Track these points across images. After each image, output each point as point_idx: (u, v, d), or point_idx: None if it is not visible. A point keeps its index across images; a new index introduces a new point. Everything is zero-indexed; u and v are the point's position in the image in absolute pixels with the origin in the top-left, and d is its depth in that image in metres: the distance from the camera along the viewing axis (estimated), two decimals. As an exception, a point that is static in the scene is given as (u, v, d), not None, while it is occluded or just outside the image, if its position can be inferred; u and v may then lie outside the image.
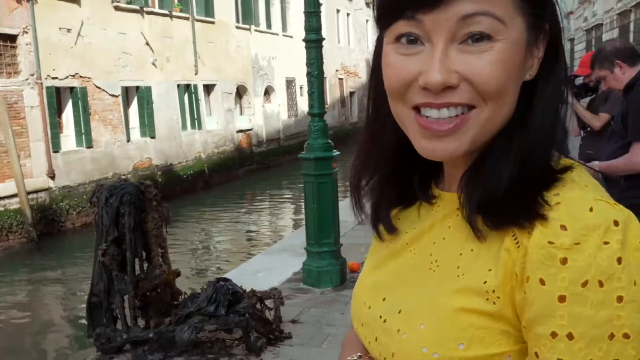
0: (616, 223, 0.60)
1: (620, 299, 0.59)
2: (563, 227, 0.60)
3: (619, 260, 0.59)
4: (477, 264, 0.67)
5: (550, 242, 0.60)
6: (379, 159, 0.80)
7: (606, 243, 0.59)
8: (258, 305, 4.59)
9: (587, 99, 4.75)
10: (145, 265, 4.76)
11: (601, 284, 0.59)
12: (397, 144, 0.76)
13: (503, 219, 0.65)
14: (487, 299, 0.65)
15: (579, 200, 0.62)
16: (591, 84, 4.63)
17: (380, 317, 0.76)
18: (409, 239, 0.79)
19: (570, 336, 0.59)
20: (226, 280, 4.75)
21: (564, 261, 0.60)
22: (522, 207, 0.64)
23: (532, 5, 0.67)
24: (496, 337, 0.65)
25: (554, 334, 0.60)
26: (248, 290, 4.71)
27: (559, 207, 0.62)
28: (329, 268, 5.70)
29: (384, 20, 0.71)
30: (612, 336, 0.59)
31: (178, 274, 5.00)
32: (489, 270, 0.66)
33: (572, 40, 29.57)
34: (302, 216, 6.84)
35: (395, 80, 0.69)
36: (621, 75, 3.49)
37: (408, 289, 0.75)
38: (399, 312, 0.73)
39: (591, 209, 0.61)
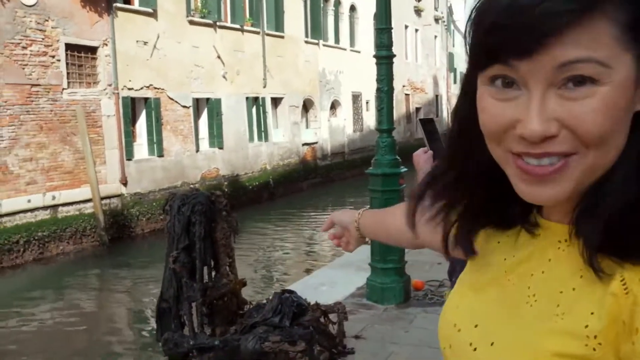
0: None
1: None
2: None
3: None
4: (578, 305, 0.63)
5: None
6: (471, 181, 0.76)
7: None
8: (322, 319, 4.61)
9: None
10: (213, 274, 4.87)
11: None
12: (491, 167, 0.72)
13: (623, 260, 0.61)
14: (587, 345, 0.61)
15: None
16: None
17: (471, 344, 0.73)
18: (507, 266, 0.75)
19: None
20: (291, 292, 4.79)
21: None
22: (636, 249, 0.60)
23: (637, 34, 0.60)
24: None
25: None
26: (312, 303, 4.74)
27: None
28: (393, 285, 5.67)
29: (478, 63, 0.66)
30: None
31: (244, 284, 5.09)
32: (592, 313, 0.61)
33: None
34: (367, 231, 6.81)
35: (492, 127, 0.66)
36: None
37: (503, 321, 0.71)
38: (492, 344, 0.70)
39: None
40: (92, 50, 14.64)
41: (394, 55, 5.75)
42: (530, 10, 0.58)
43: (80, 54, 14.34)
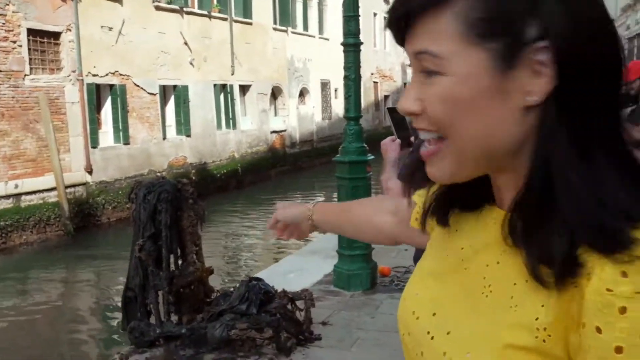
0: None
1: None
2: (624, 274, 0.57)
3: None
4: (530, 298, 0.64)
5: (608, 290, 0.57)
6: None
7: None
8: (289, 306, 4.63)
9: (628, 110, 4.65)
10: (180, 262, 4.84)
11: None
12: None
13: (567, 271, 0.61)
14: (537, 337, 0.62)
15: None
16: (632, 92, 4.52)
17: (428, 332, 0.74)
18: (464, 255, 0.76)
19: None
20: (258, 279, 4.80)
21: (622, 310, 0.56)
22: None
23: (496, 32, 0.63)
24: None
25: None
26: (279, 290, 4.75)
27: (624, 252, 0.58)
28: (360, 272, 5.72)
29: None
30: None
31: (211, 272, 5.07)
32: (542, 306, 0.63)
33: (613, 48, 28.91)
34: (334, 219, 6.83)
35: None
36: None
37: (459, 310, 0.72)
38: (448, 333, 0.71)
39: None
40: (55, 35, 14.33)
41: (362, 43, 5.76)
42: (399, 6, 0.68)
43: (43, 40, 14.01)
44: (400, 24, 0.68)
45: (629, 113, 4.56)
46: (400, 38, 0.70)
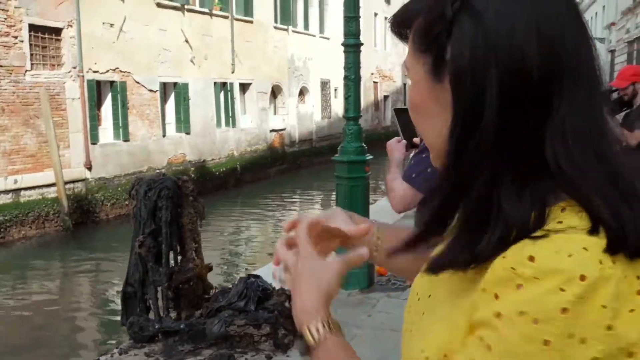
0: (582, 278, 0.61)
1: (547, 342, 0.61)
2: (531, 259, 0.63)
3: (564, 311, 0.60)
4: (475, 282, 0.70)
5: (512, 268, 0.64)
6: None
7: (562, 290, 0.61)
8: (286, 303, 4.68)
9: (622, 114, 4.69)
10: (179, 258, 4.90)
11: (535, 322, 0.61)
12: None
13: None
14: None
15: (564, 241, 0.63)
16: (625, 98, 4.57)
17: (417, 294, 0.83)
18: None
19: (488, 347, 0.64)
20: (257, 277, 4.85)
21: (519, 287, 0.63)
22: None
23: (425, 49, 0.73)
24: None
25: (481, 339, 0.65)
26: (277, 288, 4.80)
27: (543, 241, 0.64)
28: (357, 270, 5.75)
29: None
30: None
31: (210, 269, 5.12)
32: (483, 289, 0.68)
33: (612, 51, 29.02)
34: (333, 218, 6.87)
35: None
36: None
37: (445, 291, 0.78)
38: (429, 296, 0.80)
39: (570, 255, 0.62)
40: (57, 31, 14.37)
41: (362, 44, 5.80)
42: (393, 25, 0.82)
43: (44, 35, 14.06)
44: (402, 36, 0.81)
45: (623, 117, 4.61)
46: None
